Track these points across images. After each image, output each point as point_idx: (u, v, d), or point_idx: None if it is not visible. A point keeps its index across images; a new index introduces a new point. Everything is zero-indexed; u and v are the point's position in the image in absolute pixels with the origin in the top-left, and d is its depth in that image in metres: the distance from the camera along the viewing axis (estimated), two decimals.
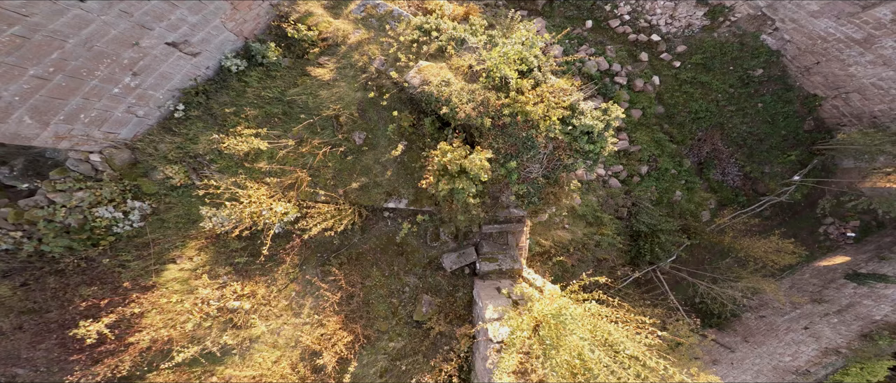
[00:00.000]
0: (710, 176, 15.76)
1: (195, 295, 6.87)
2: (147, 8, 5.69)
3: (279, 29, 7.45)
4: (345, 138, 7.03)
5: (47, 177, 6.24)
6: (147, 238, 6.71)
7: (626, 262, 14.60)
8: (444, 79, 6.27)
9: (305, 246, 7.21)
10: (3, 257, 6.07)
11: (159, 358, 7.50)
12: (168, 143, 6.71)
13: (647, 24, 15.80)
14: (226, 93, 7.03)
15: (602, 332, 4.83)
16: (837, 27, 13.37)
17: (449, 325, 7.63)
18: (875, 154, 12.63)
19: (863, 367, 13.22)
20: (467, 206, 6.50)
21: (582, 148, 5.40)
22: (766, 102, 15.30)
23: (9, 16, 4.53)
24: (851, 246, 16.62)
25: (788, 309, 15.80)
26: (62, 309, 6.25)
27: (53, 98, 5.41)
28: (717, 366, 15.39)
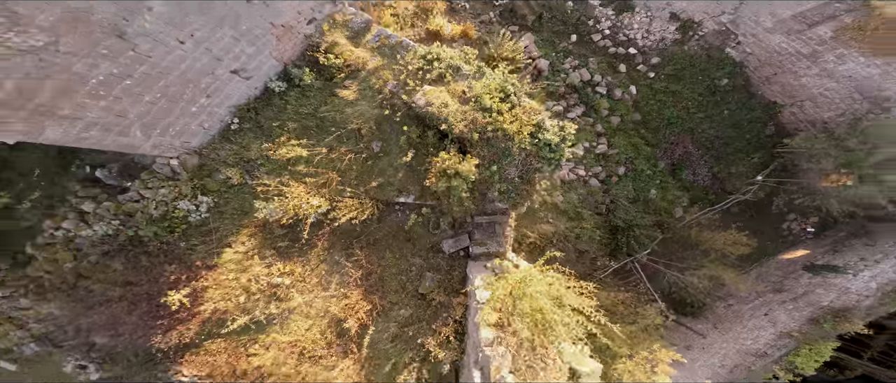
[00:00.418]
0: (683, 176, 18.20)
1: (248, 272, 9.09)
2: (222, 45, 7.94)
3: (312, 56, 9.71)
4: (365, 147, 9.32)
5: (138, 177, 8.47)
6: (210, 226, 8.95)
7: (606, 254, 16.96)
8: (444, 101, 8.56)
9: (333, 233, 9.48)
10: (107, 240, 8.28)
11: (216, 327, 9.74)
12: (227, 150, 8.96)
13: (626, 38, 18.22)
14: (270, 109, 9.29)
15: (554, 291, 7.15)
16: (789, 42, 15.82)
17: (447, 297, 9.90)
18: (820, 157, 15.08)
19: (811, 349, 15.69)
20: (461, 200, 8.80)
21: (545, 156, 7.69)
22: (731, 109, 17.77)
23: (141, 58, 6.77)
24: (811, 240, 19.10)
25: (753, 297, 18.26)
26: (151, 283, 8.47)
27: (157, 116, 7.65)
28: (691, 351, 17.76)
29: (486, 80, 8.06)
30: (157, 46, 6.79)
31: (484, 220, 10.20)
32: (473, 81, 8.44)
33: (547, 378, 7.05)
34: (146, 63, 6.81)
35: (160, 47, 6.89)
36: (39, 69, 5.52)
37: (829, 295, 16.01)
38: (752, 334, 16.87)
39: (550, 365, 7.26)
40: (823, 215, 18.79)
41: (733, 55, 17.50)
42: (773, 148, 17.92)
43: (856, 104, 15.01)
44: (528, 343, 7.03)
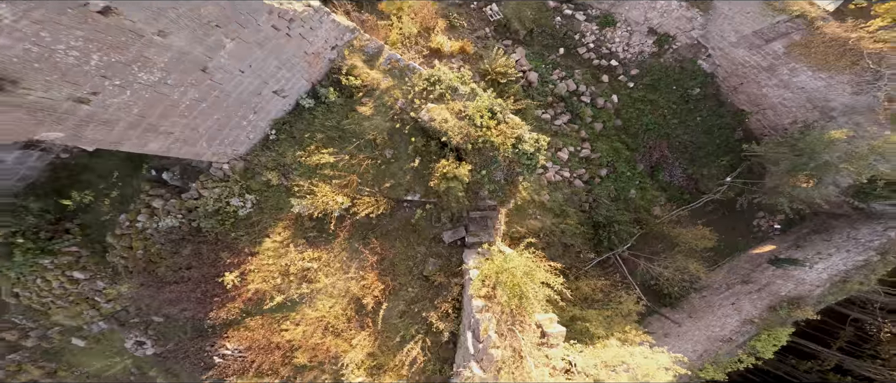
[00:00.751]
0: (660, 177, 20.75)
1: (284, 258, 11.48)
2: (268, 71, 10.32)
3: (335, 77, 12.11)
4: (379, 154, 11.74)
5: (197, 179, 10.86)
6: (254, 219, 11.35)
7: (589, 248, 19.47)
8: (444, 117, 10.98)
9: (353, 225, 11.89)
10: (173, 231, 10.66)
11: (256, 306, 12.13)
12: (267, 157, 11.36)
13: (608, 51, 20.73)
14: (301, 122, 11.69)
15: (527, 267, 9.60)
16: (750, 56, 18.37)
17: (447, 278, 12.31)
18: (777, 161, 17.60)
19: (769, 334, 18.16)
20: (458, 198, 11.24)
21: (524, 162, 10.11)
22: (703, 116, 20.32)
23: (214, 85, 9.16)
24: (778, 236, 21.67)
25: (723, 289, 20.79)
26: (208, 267, 10.86)
27: (218, 130, 10.05)
28: (669, 338, 20.23)
29: (477, 102, 10.49)
30: (225, 76, 9.18)
31: (477, 215, 12.64)
32: (468, 102, 10.88)
33: (524, 338, 9.50)
34: (217, 89, 9.21)
35: (227, 76, 9.29)
36: (154, 98, 7.93)
37: (787, 286, 18.53)
38: (721, 321, 19.35)
39: (527, 329, 9.74)
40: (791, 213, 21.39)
41: (704, 66, 20.05)
42: (740, 152, 20.49)
43: (808, 113, 17.56)
44: (509, 310, 9.47)
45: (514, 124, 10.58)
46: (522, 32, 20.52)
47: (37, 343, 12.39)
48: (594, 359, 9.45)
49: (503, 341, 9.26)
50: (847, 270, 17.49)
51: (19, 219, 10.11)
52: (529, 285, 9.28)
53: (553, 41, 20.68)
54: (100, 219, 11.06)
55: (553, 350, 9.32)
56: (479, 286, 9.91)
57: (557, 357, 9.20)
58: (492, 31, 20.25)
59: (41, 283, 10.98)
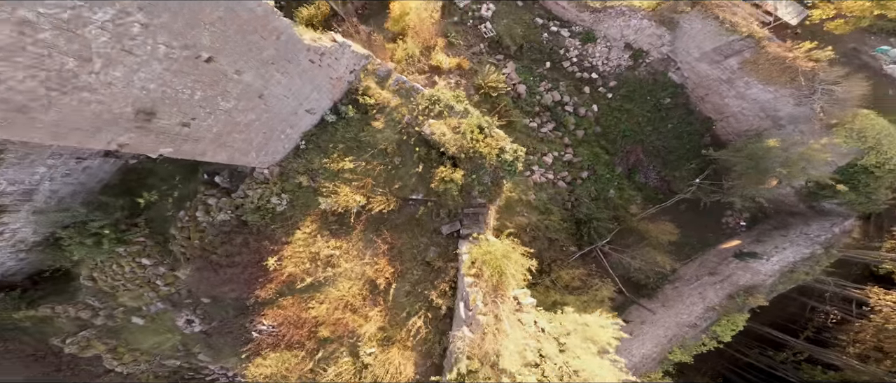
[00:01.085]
0: (636, 178, 23.93)
1: (312, 247, 14.53)
2: (304, 94, 13.41)
3: (353, 96, 15.20)
4: (390, 161, 14.85)
5: (243, 182, 13.96)
6: (288, 214, 14.44)
7: (573, 243, 22.61)
8: (443, 131, 14.09)
9: (368, 219, 14.98)
10: (224, 225, 13.74)
11: (288, 288, 15.18)
12: (298, 163, 14.46)
13: (590, 65, 23.89)
14: (326, 134, 14.78)
15: (506, 251, 12.74)
16: (712, 70, 21.53)
17: (444, 263, 15.37)
18: (732, 165, 20.76)
19: (728, 319, 21.26)
20: (454, 198, 14.36)
21: (506, 168, 13.22)
22: (674, 123, 23.51)
23: (267, 108, 12.25)
24: (744, 232, 24.85)
25: (693, 280, 23.93)
26: (253, 254, 13.94)
27: (264, 143, 13.15)
28: (645, 325, 23.37)
29: (469, 119, 13.60)
30: (274, 100, 12.29)
31: (470, 211, 15.74)
32: (462, 119, 14.00)
33: (503, 307, 12.63)
34: (268, 111, 12.31)
35: (275, 100, 12.39)
36: (227, 120, 11.05)
37: (745, 276, 21.70)
38: (688, 309, 22.50)
39: (506, 300, 12.87)
40: (756, 211, 24.62)
41: (674, 78, 23.23)
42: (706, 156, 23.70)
43: (762, 121, 20.78)
44: (492, 284, 12.59)
45: (499, 137, 13.72)
46: (513, 48, 23.63)
47: (104, 321, 15.44)
48: (558, 324, 12.56)
49: (487, 309, 12.40)
50: (795, 262, 20.69)
51: (108, 213, 13.17)
52: (507, 264, 12.41)
53: (540, 55, 23.83)
54: (163, 214, 14.14)
55: (526, 315, 12.46)
56: (469, 266, 13.04)
57: (529, 321, 12.34)
58: (486, 47, 23.40)
59: (116, 268, 14.02)
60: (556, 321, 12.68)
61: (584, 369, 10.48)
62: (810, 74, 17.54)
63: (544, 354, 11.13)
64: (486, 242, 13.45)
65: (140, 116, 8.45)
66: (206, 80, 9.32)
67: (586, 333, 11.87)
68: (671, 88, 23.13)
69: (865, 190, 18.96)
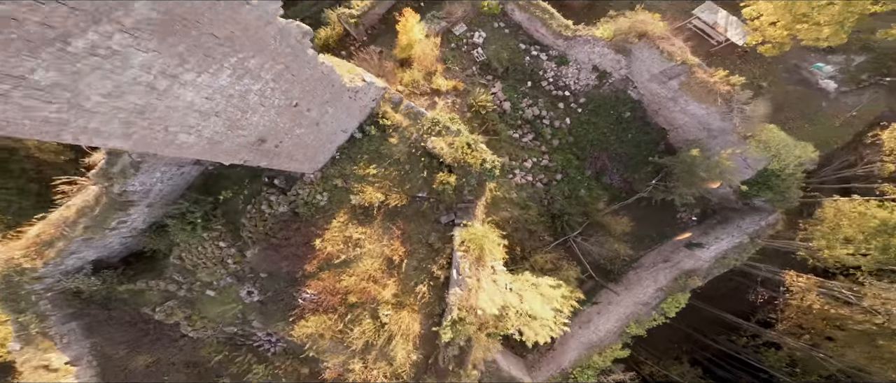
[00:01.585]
0: (603, 180, 30.19)
1: (344, 232, 20.62)
2: (342, 120, 19.53)
3: (375, 119, 21.35)
4: (402, 168, 21.03)
5: (295, 184, 20.09)
6: (327, 208, 20.57)
7: (549, 234, 28.85)
8: (441, 146, 20.25)
9: (386, 212, 21.13)
10: (282, 216, 19.85)
11: (326, 264, 21.30)
12: (334, 170, 20.60)
13: (563, 84, 30.18)
14: (354, 148, 20.93)
15: (484, 232, 18.94)
16: (660, 89, 27.77)
17: (443, 244, 21.53)
18: (673, 169, 26.98)
19: (672, 298, 27.43)
20: (449, 195, 20.62)
21: (487, 174, 19.38)
22: (633, 133, 29.77)
23: (319, 131, 18.39)
24: (694, 226, 31.15)
25: (651, 266, 30.18)
26: (303, 237, 20.05)
27: (314, 155, 19.31)
28: (611, 305, 29.56)
29: (460, 138, 19.78)
30: (325, 126, 18.44)
31: (462, 206, 21.92)
32: (455, 137, 20.22)
33: (483, 273, 18.85)
34: (320, 133, 18.47)
35: (325, 126, 18.54)
36: (299, 141, 17.22)
37: (689, 262, 27.91)
38: (644, 291, 28.67)
39: (485, 268, 19.08)
40: (705, 208, 30.96)
41: (633, 95, 29.53)
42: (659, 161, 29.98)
43: (700, 132, 27.06)
44: (475, 256, 18.77)
45: (482, 151, 19.94)
46: (500, 69, 29.90)
47: (185, 294, 21.49)
48: (519, 285, 18.75)
49: (472, 274, 18.61)
50: (727, 250, 26.97)
51: (200, 207, 19.27)
52: (486, 242, 18.60)
53: (523, 76, 30.12)
54: (235, 208, 20.24)
55: (499, 278, 18.69)
56: (460, 244, 19.22)
57: (501, 282, 18.56)
58: (477, 69, 29.70)
59: (199, 250, 20.07)
60: (518, 282, 18.88)
61: (533, 309, 16.66)
62: (727, 96, 23.82)
63: (507, 303, 17.31)
64: (472, 227, 19.65)
65: (257, 142, 14.58)
66: (292, 117, 15.48)
67: (539, 290, 18.05)
68: (630, 104, 29.42)
69: (778, 189, 25.24)
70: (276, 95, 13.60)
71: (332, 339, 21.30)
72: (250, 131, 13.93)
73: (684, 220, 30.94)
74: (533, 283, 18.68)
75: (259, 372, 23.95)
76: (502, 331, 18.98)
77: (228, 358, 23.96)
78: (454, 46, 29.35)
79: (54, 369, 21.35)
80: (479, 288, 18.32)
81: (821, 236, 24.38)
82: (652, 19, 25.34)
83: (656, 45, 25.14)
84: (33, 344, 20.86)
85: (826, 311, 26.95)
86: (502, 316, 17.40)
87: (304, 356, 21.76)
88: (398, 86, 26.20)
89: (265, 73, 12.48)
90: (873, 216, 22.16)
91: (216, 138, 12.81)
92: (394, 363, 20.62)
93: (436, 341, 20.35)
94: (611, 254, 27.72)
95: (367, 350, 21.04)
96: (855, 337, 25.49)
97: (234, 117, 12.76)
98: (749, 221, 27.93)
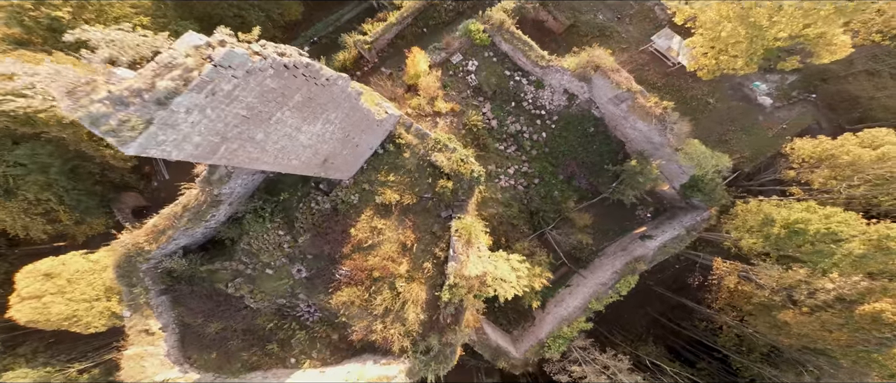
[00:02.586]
0: (573, 183, 40.43)
1: (371, 223, 30.64)
2: (369, 140, 29.68)
3: (392, 138, 31.44)
4: (412, 175, 31.17)
5: (335, 187, 30.16)
6: (358, 206, 30.66)
7: (528, 228, 39.11)
8: (442, 160, 30.43)
9: (401, 208, 31.24)
10: (325, 211, 29.90)
11: (357, 248, 31.37)
12: (363, 176, 30.69)
13: (540, 104, 40.51)
14: (377, 160, 31.04)
15: (472, 221, 29.15)
16: (615, 109, 38.06)
17: (443, 232, 31.60)
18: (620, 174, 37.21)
19: (624, 279, 37.75)
20: (448, 196, 30.94)
21: (475, 180, 29.52)
22: (597, 145, 40.03)
23: (355, 148, 28.48)
24: (650, 221, 41.50)
25: (612, 255, 40.51)
26: (343, 226, 30.10)
27: (351, 166, 29.43)
28: (580, 287, 39.85)
29: (455, 154, 29.93)
30: (360, 145, 28.61)
31: (458, 204, 32.10)
32: (452, 153, 30.39)
33: (471, 252, 29.12)
34: (357, 151, 28.61)
35: (360, 145, 28.70)
36: (344, 157, 27.34)
37: (639, 250, 38.21)
38: (604, 274, 38.96)
39: (473, 248, 29.36)
40: (658, 205, 41.32)
41: (596, 114, 39.84)
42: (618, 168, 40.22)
43: (647, 145, 37.43)
44: (465, 239, 28.96)
45: (472, 164, 30.12)
46: (489, 92, 40.25)
47: (249, 272, 31.51)
48: (494, 260, 28.92)
49: (463, 251, 28.87)
50: (668, 241, 37.24)
51: (269, 204, 29.36)
52: (473, 229, 28.79)
53: (508, 97, 40.46)
54: (291, 205, 30.35)
55: (483, 254, 28.92)
56: (455, 231, 29.43)
57: (484, 257, 28.81)
58: (471, 93, 40.04)
59: (264, 237, 30.08)
60: (494, 257, 29.06)
61: (502, 274, 26.83)
62: (660, 117, 34.13)
63: (486, 270, 27.51)
64: (464, 219, 29.83)
65: (323, 161, 24.73)
66: (343, 143, 25.63)
67: (509, 263, 28.22)
68: (594, 121, 39.79)
69: (706, 191, 35.54)
70: (337, 132, 23.76)
71: (359, 307, 31.31)
72: (321, 155, 24.06)
73: (641, 217, 41.28)
74: (505, 258, 28.84)
75: (300, 336, 33.91)
76: (485, 294, 29.11)
77: (277, 326, 33.95)
78: (452, 73, 39.63)
79: (152, 333, 31.26)
80: (468, 261, 28.48)
81: (733, 228, 34.55)
82: (604, 54, 35.69)
83: (608, 76, 35.45)
84: (139, 312, 30.75)
85: (741, 290, 37.15)
86: (484, 281, 27.49)
87: (337, 322, 31.77)
88: (407, 109, 36.50)
89: (335, 119, 22.67)
90: (760, 211, 32.37)
91: (306, 161, 22.97)
92: (406, 323, 30.59)
93: (438, 304, 30.40)
94: (577, 244, 37.94)
95: (386, 314, 31.03)
96: (759, 310, 35.60)
97: (317, 147, 22.92)
98: (689, 217, 38.23)
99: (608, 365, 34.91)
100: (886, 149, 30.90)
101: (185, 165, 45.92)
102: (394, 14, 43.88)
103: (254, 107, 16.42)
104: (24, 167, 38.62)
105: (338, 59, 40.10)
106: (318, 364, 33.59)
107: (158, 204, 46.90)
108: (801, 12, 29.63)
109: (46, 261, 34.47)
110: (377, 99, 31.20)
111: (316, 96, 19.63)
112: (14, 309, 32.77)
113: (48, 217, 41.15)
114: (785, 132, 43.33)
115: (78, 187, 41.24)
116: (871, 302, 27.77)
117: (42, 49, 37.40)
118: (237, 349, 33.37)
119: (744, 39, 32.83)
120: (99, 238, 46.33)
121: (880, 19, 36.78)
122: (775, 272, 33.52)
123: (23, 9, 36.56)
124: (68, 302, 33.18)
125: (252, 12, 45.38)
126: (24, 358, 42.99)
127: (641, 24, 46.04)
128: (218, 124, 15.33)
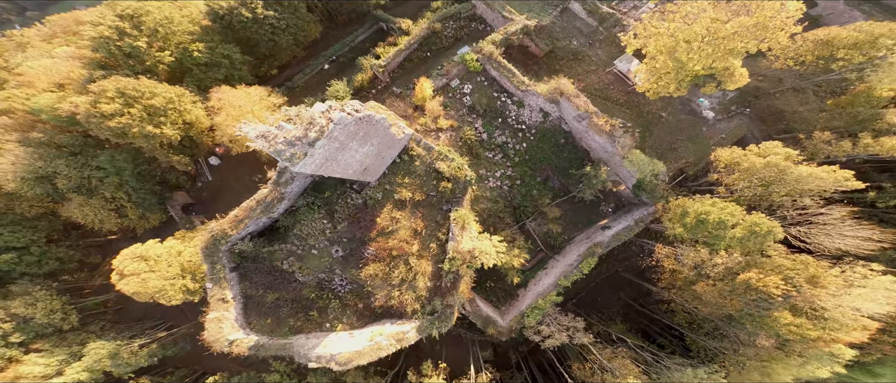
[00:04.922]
0: (549, 184, 58.71)
1: (390, 214, 48.18)
2: (392, 152, 47.50)
3: (407, 150, 49.11)
4: (422, 178, 49.01)
5: (365, 187, 47.87)
6: (382, 201, 48.44)
7: (512, 220, 57.05)
8: (444, 168, 48.26)
9: (413, 203, 49.08)
10: (358, 205, 47.53)
11: (380, 232, 49.05)
12: (384, 179, 48.59)
13: (521, 120, 59.04)
14: (395, 167, 48.95)
15: (465, 213, 47.06)
16: (578, 126, 56.73)
17: (445, 220, 49.37)
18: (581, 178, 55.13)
19: (586, 261, 56.21)
20: (448, 194, 49.10)
21: (467, 183, 47.22)
22: (567, 153, 58.45)
23: (382, 160, 46.19)
24: (611, 215, 59.65)
25: (579, 241, 58.71)
26: (370, 215, 47.78)
27: (377, 172, 47.22)
28: (554, 268, 58.20)
29: (453, 162, 47.68)
30: (386, 157, 46.41)
31: (455, 199, 50.05)
32: (451, 161, 48.20)
33: (465, 234, 47.15)
34: (382, 161, 46.45)
35: (386, 156, 46.52)
36: (373, 167, 45.17)
37: (598, 238, 56.80)
38: (572, 257, 57.49)
39: (467, 230, 47.37)
40: (618, 202, 59.48)
41: (565, 128, 58.29)
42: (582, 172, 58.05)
43: (605, 154, 55.72)
44: (461, 225, 46.85)
45: (466, 170, 48.07)
46: (481, 110, 58.87)
47: (299, 252, 49.28)
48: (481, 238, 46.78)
49: (459, 233, 46.96)
50: (620, 230, 55.39)
51: (318, 200, 46.98)
52: (466, 217, 46.65)
53: (496, 115, 58.90)
54: (333, 200, 48.13)
55: (473, 235, 46.93)
56: (453, 220, 47.43)
57: (474, 237, 46.79)
58: (466, 111, 58.63)
59: (312, 224, 47.68)
60: (480, 237, 46.96)
61: (485, 249, 44.67)
62: (610, 132, 52.17)
63: (474, 246, 45.45)
64: (460, 211, 47.70)
65: (363, 170, 42.49)
66: (376, 156, 43.60)
67: (491, 242, 46.08)
68: (564, 134, 58.00)
69: (649, 190, 53.49)
70: (374, 149, 41.61)
71: (381, 279, 49.16)
72: (364, 165, 41.94)
73: (604, 211, 59.48)
74: (488, 238, 46.69)
75: (335, 305, 51.72)
76: (475, 265, 46.84)
77: (318, 296, 51.68)
78: (451, 95, 57.84)
79: (227, 301, 48.75)
80: (463, 240, 46.30)
81: (667, 220, 52.28)
82: (568, 83, 54.08)
83: (570, 100, 53.53)
84: (218, 284, 48.16)
85: (673, 270, 54.82)
86: (473, 254, 45.14)
87: (364, 291, 49.56)
88: (416, 125, 54.63)
89: (375, 141, 40.65)
90: (680, 205, 50.12)
91: (356, 170, 40.81)
92: (417, 290, 48.46)
93: (440, 274, 48.24)
94: (550, 232, 55.91)
95: (401, 284, 49.05)
96: (685, 284, 53.31)
97: (363, 161, 40.76)
98: (638, 211, 56.38)
99: (569, 327, 52.35)
100: (772, 158, 48.54)
101: (222, 170, 64.36)
102: (403, 39, 62.82)
103: (341, 141, 34.27)
104: (104, 170, 56.22)
105: (356, 79, 58.40)
106: (347, 327, 51.21)
107: (202, 201, 65.75)
108: (708, 50, 47.41)
109: (137, 247, 51.91)
110: (394, 118, 49.04)
111: (368, 130, 37.52)
112: (120, 283, 50.08)
113: (119, 212, 58.54)
114: (724, 141, 61.31)
115: (144, 187, 58.94)
116: (744, 273, 45.28)
117: (124, 73, 54.67)
118: (286, 316, 51.32)
119: (672, 70, 50.69)
120: (148, 232, 63.84)
121: (793, 48, 54.46)
122: (691, 253, 51.13)
123: (110, 40, 53.72)
124: (159, 279, 50.41)
125: (282, 36, 63.35)
126: (95, 335, 60.18)
127: (609, 49, 64.09)
128: (327, 151, 33.07)
